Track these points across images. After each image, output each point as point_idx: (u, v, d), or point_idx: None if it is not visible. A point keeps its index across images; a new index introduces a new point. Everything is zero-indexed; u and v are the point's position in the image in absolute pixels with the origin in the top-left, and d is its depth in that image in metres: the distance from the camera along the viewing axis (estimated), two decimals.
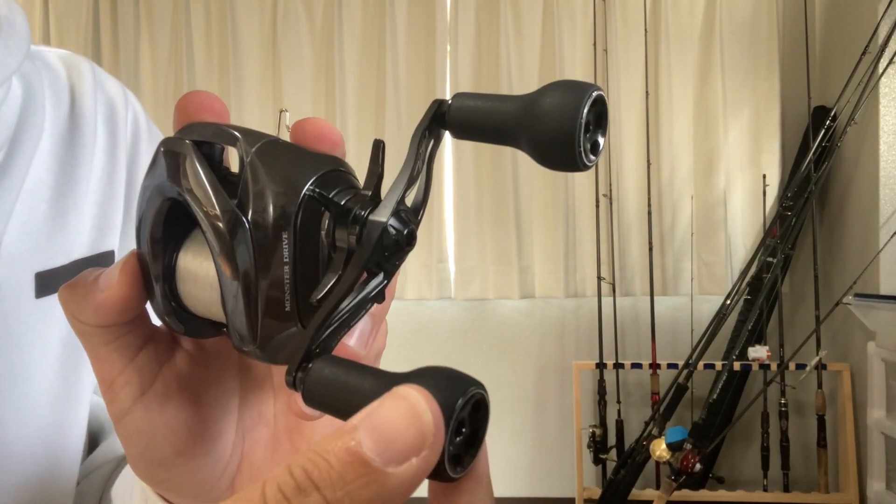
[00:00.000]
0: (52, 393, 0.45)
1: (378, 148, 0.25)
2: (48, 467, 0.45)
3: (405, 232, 0.24)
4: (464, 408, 0.19)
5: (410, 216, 0.25)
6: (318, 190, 0.25)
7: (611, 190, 2.79)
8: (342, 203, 0.25)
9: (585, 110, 0.23)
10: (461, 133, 0.25)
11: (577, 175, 2.85)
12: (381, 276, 0.25)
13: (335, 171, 0.26)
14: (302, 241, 0.24)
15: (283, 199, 0.24)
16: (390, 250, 0.24)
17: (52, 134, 0.46)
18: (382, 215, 0.24)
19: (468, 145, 2.92)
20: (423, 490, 0.19)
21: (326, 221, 0.25)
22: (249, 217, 0.24)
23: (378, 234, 0.24)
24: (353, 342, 0.26)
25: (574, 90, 0.23)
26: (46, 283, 0.43)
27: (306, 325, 0.24)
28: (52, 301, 0.44)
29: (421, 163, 0.25)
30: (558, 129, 0.23)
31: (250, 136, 0.25)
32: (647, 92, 2.75)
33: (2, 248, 0.41)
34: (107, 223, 0.48)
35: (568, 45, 2.87)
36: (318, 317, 0.23)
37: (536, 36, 2.89)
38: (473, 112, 0.25)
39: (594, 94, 0.23)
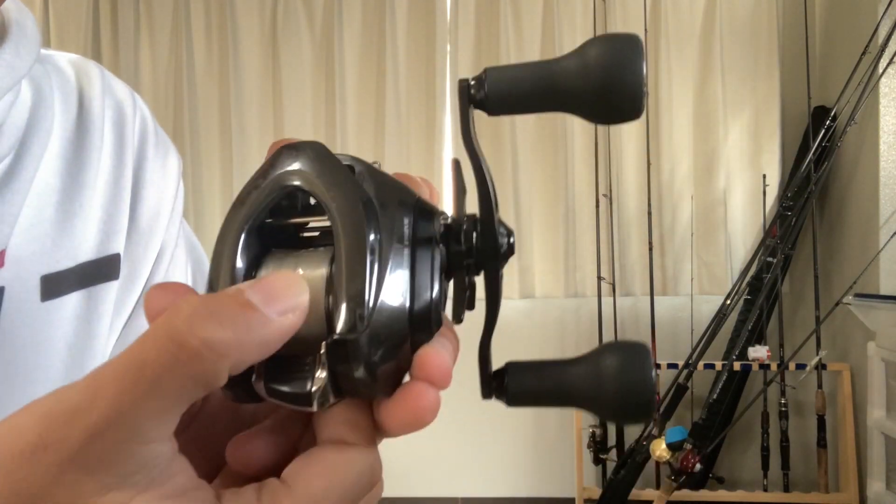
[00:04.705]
0: None
1: (457, 168, 0.27)
2: None
3: (510, 239, 0.27)
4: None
5: (508, 227, 0.27)
6: (424, 202, 0.26)
7: (611, 190, 2.79)
8: (445, 217, 0.26)
9: (645, 66, 0.25)
10: (500, 110, 0.26)
11: (577, 175, 2.86)
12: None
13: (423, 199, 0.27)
14: (417, 241, 0.25)
15: (402, 192, 0.26)
16: (502, 256, 0.26)
17: (61, 137, 0.46)
18: (493, 224, 0.25)
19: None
20: (422, 491, 0.19)
21: (437, 226, 0.26)
22: (376, 199, 0.25)
23: (493, 240, 0.26)
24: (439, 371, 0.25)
25: (623, 43, 0.25)
26: (52, 285, 0.43)
27: (413, 321, 0.25)
28: (58, 304, 0.44)
29: (484, 163, 0.26)
30: (621, 82, 0.25)
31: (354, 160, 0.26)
32: (646, 92, 2.75)
33: (8, 251, 0.41)
34: (113, 227, 0.48)
35: (568, 46, 2.86)
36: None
37: (536, 36, 2.89)
38: (515, 83, 0.25)
39: (640, 44, 0.25)
